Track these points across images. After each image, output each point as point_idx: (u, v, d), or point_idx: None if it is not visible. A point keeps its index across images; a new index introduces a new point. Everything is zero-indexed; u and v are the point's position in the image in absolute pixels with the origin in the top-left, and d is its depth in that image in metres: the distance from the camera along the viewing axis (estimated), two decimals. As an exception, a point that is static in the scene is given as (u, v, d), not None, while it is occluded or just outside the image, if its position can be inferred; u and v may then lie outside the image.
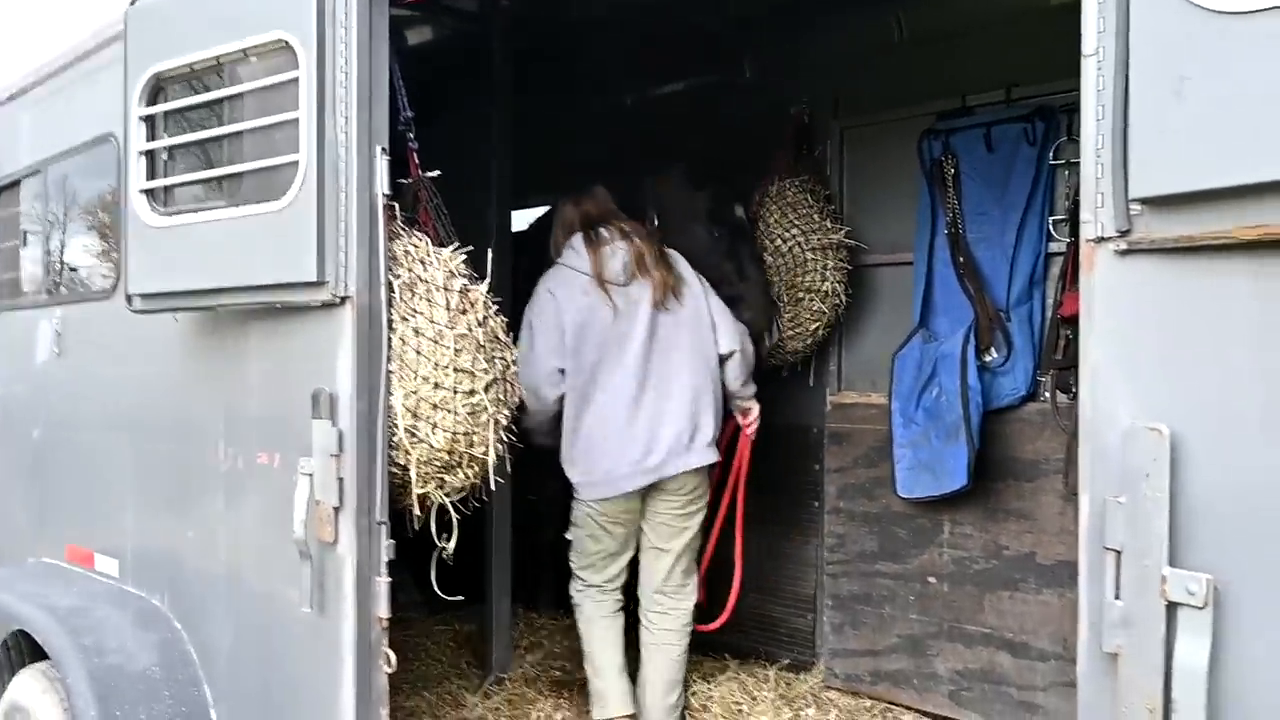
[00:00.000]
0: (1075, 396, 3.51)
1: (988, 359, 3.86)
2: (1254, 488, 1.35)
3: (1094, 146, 1.47)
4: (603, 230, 3.77)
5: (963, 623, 4.00)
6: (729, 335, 3.77)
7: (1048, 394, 3.74)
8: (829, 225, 4.22)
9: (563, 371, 3.65)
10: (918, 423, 3.95)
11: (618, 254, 3.71)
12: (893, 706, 4.17)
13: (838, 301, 4.22)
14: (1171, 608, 1.38)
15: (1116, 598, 1.44)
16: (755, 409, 3.98)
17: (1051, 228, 3.82)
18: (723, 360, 3.78)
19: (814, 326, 4.24)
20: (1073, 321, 3.46)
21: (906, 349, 4.05)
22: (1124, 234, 1.43)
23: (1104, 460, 1.48)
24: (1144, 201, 1.40)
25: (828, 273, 4.17)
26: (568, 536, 3.93)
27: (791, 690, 4.24)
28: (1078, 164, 3.58)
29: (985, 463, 3.82)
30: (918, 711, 4.13)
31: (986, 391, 3.83)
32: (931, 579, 4.08)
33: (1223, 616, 1.36)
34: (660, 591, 3.89)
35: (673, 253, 3.80)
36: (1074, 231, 3.59)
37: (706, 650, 4.65)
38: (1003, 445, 3.90)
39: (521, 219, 5.92)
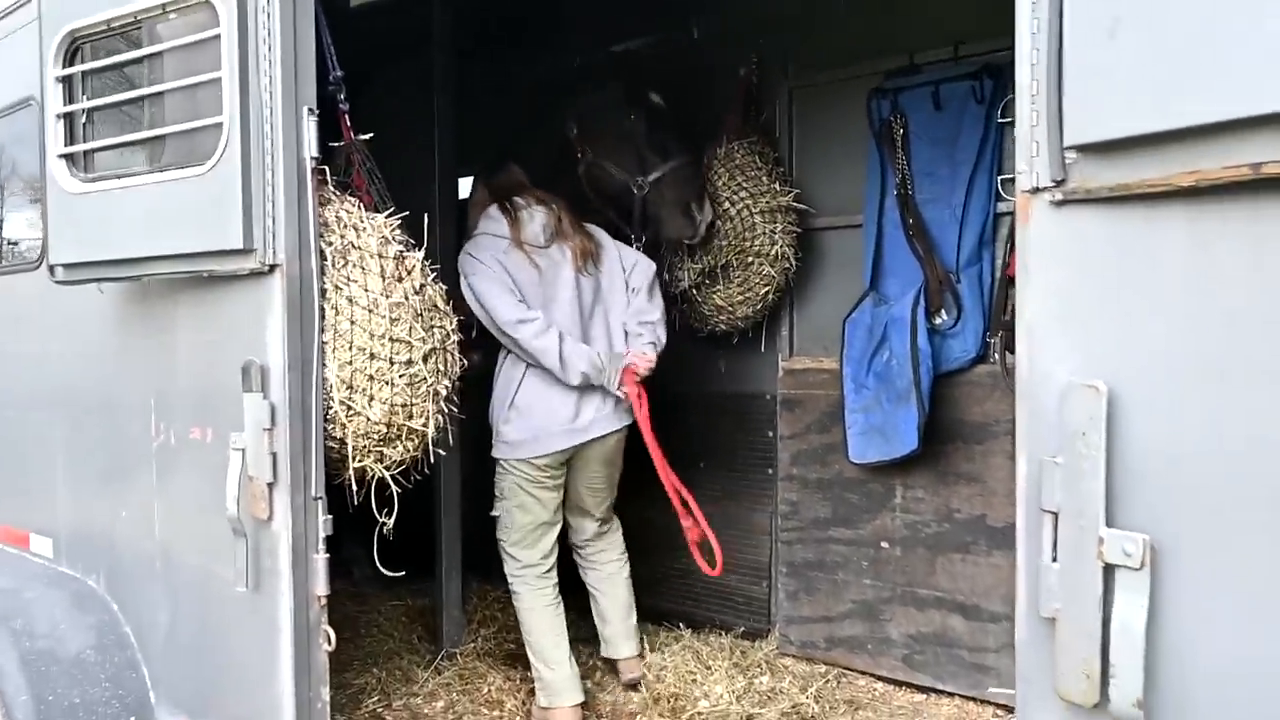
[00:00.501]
0: (1024, 358, 3.48)
1: (938, 321, 3.83)
2: (1192, 444, 1.30)
3: (1029, 93, 1.41)
4: (517, 199, 3.80)
5: (915, 587, 3.99)
6: (655, 301, 3.86)
7: (996, 355, 3.72)
8: (778, 188, 4.15)
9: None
10: (869, 387, 3.92)
11: (535, 218, 3.76)
12: (847, 672, 4.17)
13: (788, 265, 4.16)
14: (1108, 569, 1.33)
15: (1054, 560, 1.39)
16: (653, 353, 3.81)
17: (1000, 187, 3.78)
18: (646, 324, 3.82)
19: (764, 291, 4.19)
20: (1022, 282, 3.43)
21: (857, 313, 4.01)
22: (1059, 184, 1.37)
23: (1041, 420, 1.43)
24: (1079, 149, 1.34)
25: (777, 236, 4.11)
26: (495, 513, 3.89)
27: (746, 659, 4.22)
28: (1027, 122, 3.66)
29: (936, 426, 3.80)
30: (871, 676, 4.12)
31: (937, 354, 3.80)
32: (884, 544, 4.07)
33: (1160, 577, 1.32)
34: (591, 537, 4.07)
35: (589, 225, 3.88)
36: (1023, 191, 3.55)
37: (660, 620, 4.63)
38: (953, 408, 3.88)
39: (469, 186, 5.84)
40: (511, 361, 3.74)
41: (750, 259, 4.12)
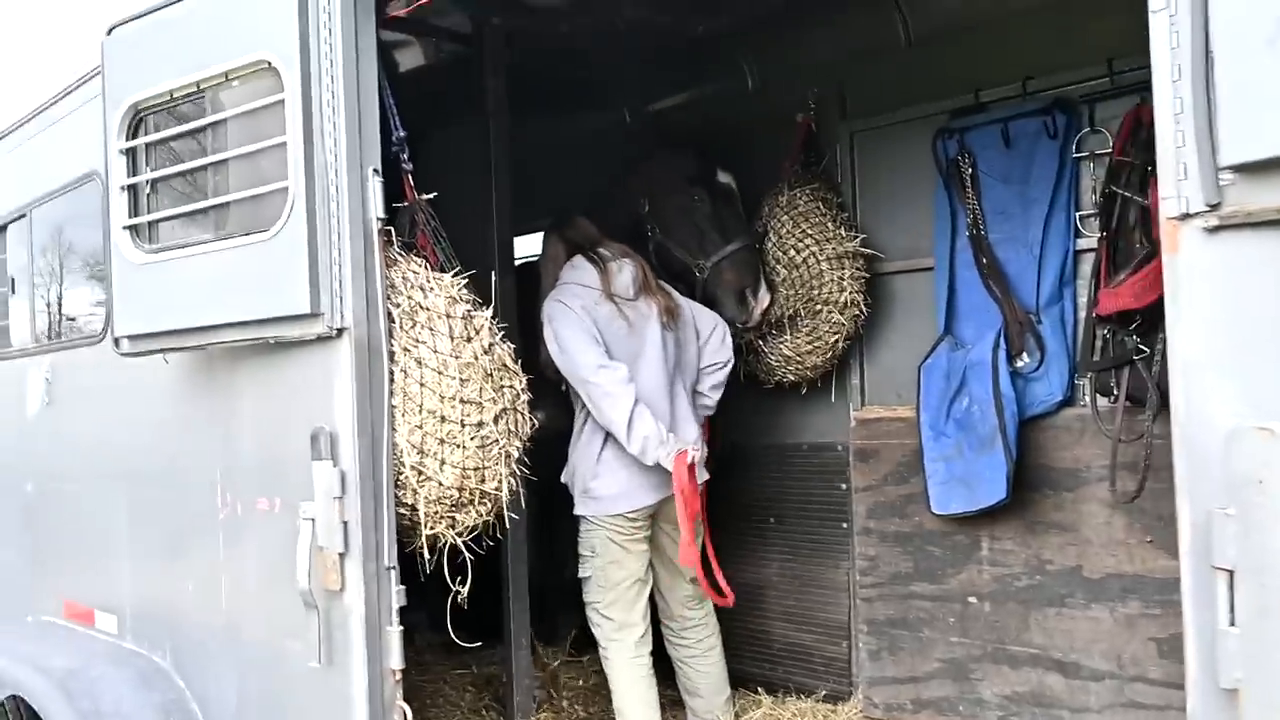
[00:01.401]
0: (1117, 399, 3.32)
1: (1020, 364, 3.67)
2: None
3: (1171, 112, 1.30)
4: (602, 250, 3.77)
5: (1007, 644, 3.79)
6: (726, 345, 3.90)
7: (1086, 398, 3.55)
8: (843, 234, 4.05)
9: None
10: (949, 435, 3.77)
11: (625, 270, 3.75)
12: (938, 735, 3.96)
13: (857, 313, 4.04)
14: (1299, 633, 1.19)
15: (1231, 624, 1.25)
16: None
17: (1079, 223, 3.65)
18: (716, 368, 3.88)
19: (833, 339, 4.06)
20: (1109, 320, 3.29)
21: (933, 358, 3.87)
22: (1214, 208, 1.26)
23: (1204, 467, 1.30)
24: (1237, 169, 1.23)
25: (845, 283, 4.00)
26: (584, 574, 3.80)
27: (830, 722, 4.03)
28: (1103, 156, 3.54)
29: (1022, 473, 3.62)
30: (964, 739, 3.91)
31: (1020, 398, 3.64)
32: (972, 599, 3.88)
33: (1360, 641, 1.17)
34: (685, 606, 3.95)
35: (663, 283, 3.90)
36: (1104, 227, 3.42)
37: (737, 685, 4.44)
38: (1039, 454, 3.70)
39: (525, 245, 5.80)
40: (594, 418, 3.64)
41: (819, 307, 4.01)
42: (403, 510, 2.70)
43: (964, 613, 3.90)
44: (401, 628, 2.65)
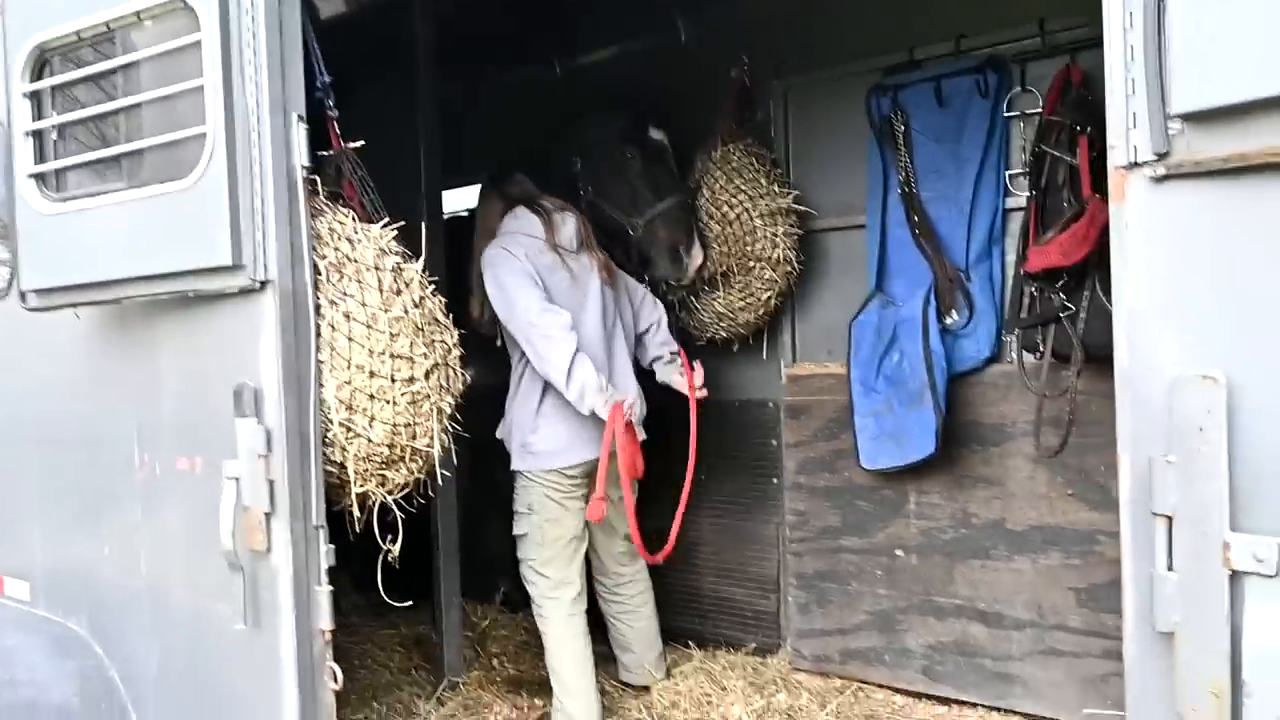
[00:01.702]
0: (1043, 356, 3.38)
1: (949, 321, 3.72)
2: (1325, 437, 1.19)
3: (1123, 60, 1.29)
4: (544, 202, 3.71)
5: (933, 595, 3.87)
6: (656, 304, 3.99)
7: (1013, 355, 3.61)
8: (777, 190, 4.03)
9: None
10: (879, 391, 3.80)
11: (568, 222, 3.73)
12: (865, 685, 4.03)
13: (789, 269, 4.04)
14: (1236, 577, 1.21)
15: (1169, 569, 1.27)
16: (682, 355, 3.95)
17: (1009, 182, 3.69)
18: (655, 326, 3.96)
19: (766, 296, 4.06)
20: (1037, 278, 3.33)
21: (864, 315, 3.90)
22: (1162, 157, 1.26)
23: (1146, 415, 1.31)
24: (1186, 118, 1.23)
25: (778, 239, 3.99)
26: (519, 531, 3.75)
27: (760, 676, 4.07)
28: (1034, 115, 3.57)
29: (950, 429, 3.68)
30: (890, 689, 3.99)
31: (949, 355, 3.69)
32: (899, 551, 3.95)
33: (1296, 584, 1.20)
34: (618, 562, 3.98)
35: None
36: (1033, 186, 3.46)
37: (668, 640, 4.46)
38: (967, 410, 3.77)
39: (451, 200, 5.68)
40: (532, 371, 3.60)
41: (751, 263, 4.00)
42: (331, 468, 2.63)
43: (891, 565, 3.97)
44: (331, 587, 2.59)
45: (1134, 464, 1.33)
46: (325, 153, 2.84)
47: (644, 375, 3.98)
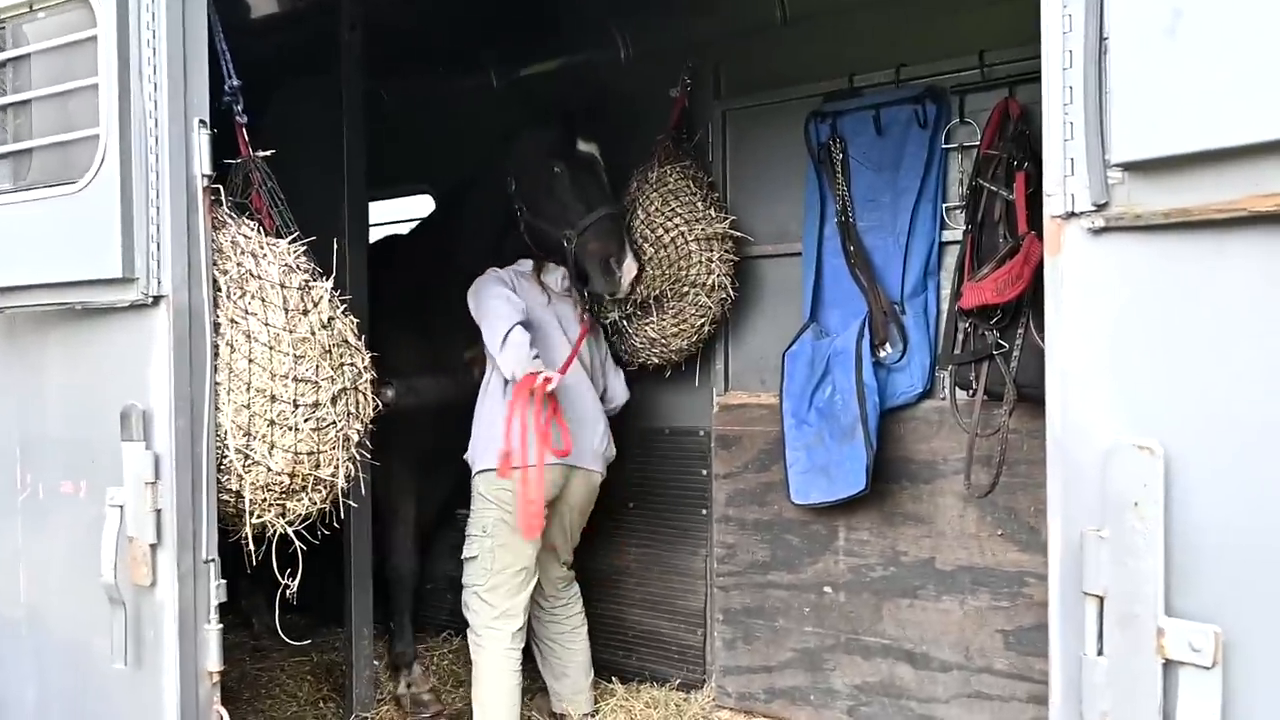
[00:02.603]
0: (975, 393, 3.32)
1: (883, 354, 3.65)
2: (1267, 517, 1.10)
3: (1060, 102, 1.20)
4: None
5: (860, 634, 3.78)
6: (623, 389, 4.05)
7: (946, 391, 3.55)
8: (713, 214, 3.92)
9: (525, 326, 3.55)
10: (810, 424, 3.72)
11: (558, 269, 3.84)
12: (788, 725, 3.93)
13: (724, 296, 3.93)
14: (1170, 666, 1.12)
15: (1099, 653, 1.17)
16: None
17: (945, 215, 3.63)
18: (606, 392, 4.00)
19: (699, 322, 3.94)
20: (971, 314, 3.27)
21: (797, 345, 3.82)
22: (1100, 208, 1.17)
23: (1079, 485, 1.21)
24: (1127, 167, 1.14)
25: (713, 265, 3.87)
26: (469, 554, 3.63)
27: (682, 714, 3.96)
28: (971, 148, 3.52)
29: (881, 464, 3.60)
30: (815, 729, 3.90)
31: (882, 389, 3.61)
32: (827, 589, 3.86)
33: (1232, 676, 1.11)
34: (556, 586, 3.94)
35: None
36: (970, 219, 3.41)
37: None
38: (898, 445, 3.69)
39: (382, 212, 5.52)
40: (498, 379, 3.61)
41: (685, 289, 3.88)
42: (226, 497, 2.47)
43: (819, 603, 3.88)
44: (221, 626, 2.42)
45: (1065, 536, 1.23)
46: (232, 160, 2.69)
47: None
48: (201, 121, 2.39)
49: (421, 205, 5.56)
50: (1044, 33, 1.25)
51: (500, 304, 3.55)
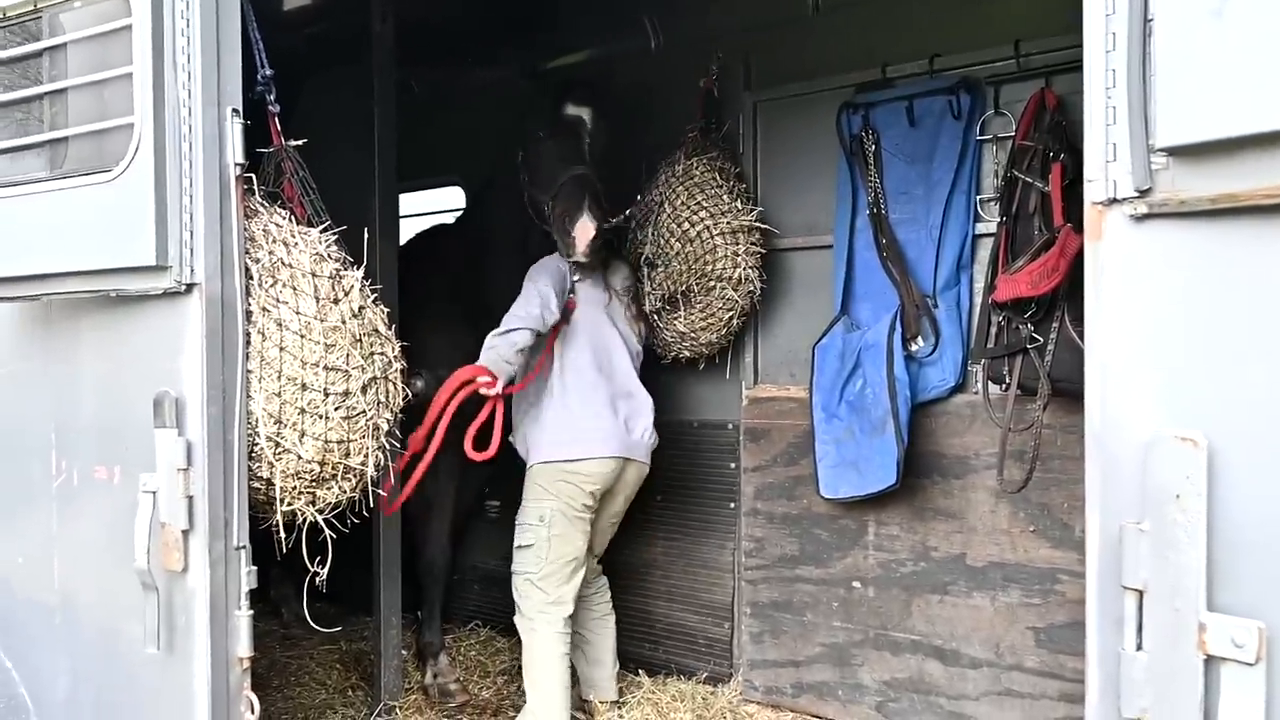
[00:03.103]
0: (1008, 387, 3.29)
1: (914, 348, 3.61)
2: (1314, 511, 1.07)
3: (1102, 86, 1.17)
4: None
5: (890, 629, 3.76)
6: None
7: (978, 385, 3.51)
8: (739, 206, 3.89)
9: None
10: (841, 417, 3.69)
11: (621, 270, 3.95)
12: (816, 720, 3.92)
13: (752, 289, 3.90)
14: (1212, 663, 1.10)
15: (1139, 648, 1.15)
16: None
17: (979, 207, 3.59)
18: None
19: (727, 316, 3.92)
20: (1005, 307, 3.23)
21: (828, 338, 3.79)
22: (1143, 194, 1.14)
23: (1118, 478, 1.19)
24: (1171, 152, 1.11)
25: (739, 258, 3.84)
26: (525, 542, 3.64)
27: (708, 706, 3.95)
28: (1006, 139, 3.48)
29: (912, 459, 3.56)
30: (842, 724, 3.87)
31: (913, 383, 3.58)
32: (856, 584, 3.83)
33: (1276, 673, 1.08)
34: (590, 573, 3.91)
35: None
36: (1004, 211, 3.37)
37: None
38: (930, 440, 3.66)
39: (414, 202, 5.54)
40: (552, 373, 3.71)
41: (712, 283, 3.85)
42: (257, 484, 2.48)
43: (848, 597, 3.85)
44: (251, 612, 2.43)
45: (1103, 530, 1.21)
46: (264, 149, 2.70)
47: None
48: (234, 110, 2.39)
49: (451, 197, 5.58)
50: (1086, 15, 1.23)
51: (530, 304, 3.52)
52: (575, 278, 3.72)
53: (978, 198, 3.60)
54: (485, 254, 4.14)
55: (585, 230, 3.51)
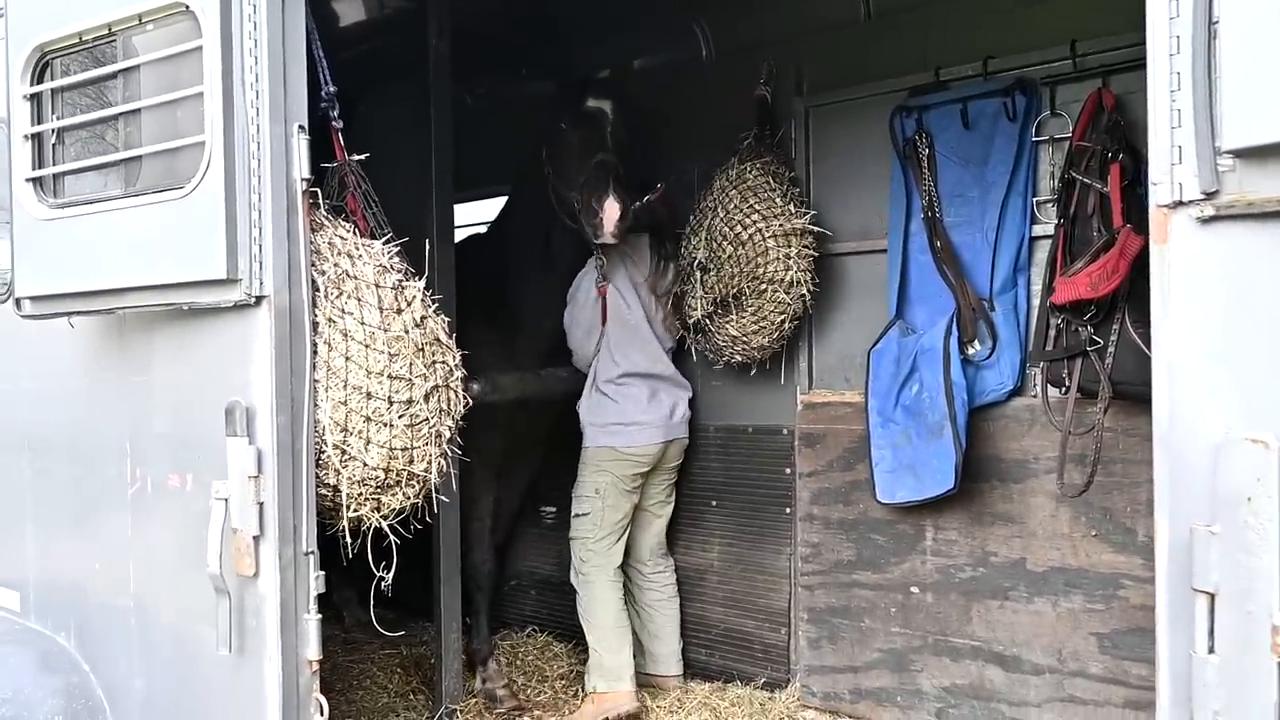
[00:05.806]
0: (1068, 390, 3.25)
1: (971, 352, 3.59)
2: (1389, 513, 1.06)
3: (1167, 89, 1.17)
4: None
5: (948, 635, 3.73)
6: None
7: (1037, 388, 3.48)
8: (792, 210, 3.89)
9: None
10: (897, 422, 3.67)
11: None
12: (875, 726, 3.90)
13: (804, 293, 3.89)
14: (1286, 666, 1.09)
15: (1210, 651, 1.15)
16: None
17: (1035, 209, 3.56)
18: None
19: (779, 320, 3.91)
20: (1064, 310, 3.20)
21: (883, 343, 3.78)
22: (1210, 196, 1.14)
23: (1187, 480, 1.19)
24: (1238, 154, 1.11)
25: (791, 261, 3.84)
26: (582, 511, 4.13)
27: (766, 713, 3.94)
28: (1063, 140, 3.45)
29: (970, 463, 3.54)
30: (902, 731, 3.85)
31: (970, 387, 3.56)
32: (914, 589, 3.81)
33: (1352, 677, 1.07)
34: (654, 553, 4.39)
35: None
36: (1062, 213, 3.34)
37: (674, 670, 4.36)
38: (988, 444, 3.63)
39: (470, 212, 5.60)
40: (603, 366, 4.17)
41: (764, 286, 3.86)
42: (324, 491, 2.55)
43: (905, 603, 3.83)
44: (320, 616, 2.50)
45: (1172, 532, 1.21)
46: (328, 165, 2.77)
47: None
48: (300, 127, 2.46)
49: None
50: (1149, 18, 1.23)
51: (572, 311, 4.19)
52: (601, 280, 4.15)
53: (1034, 199, 3.56)
54: (512, 258, 4.32)
55: (612, 210, 3.63)
